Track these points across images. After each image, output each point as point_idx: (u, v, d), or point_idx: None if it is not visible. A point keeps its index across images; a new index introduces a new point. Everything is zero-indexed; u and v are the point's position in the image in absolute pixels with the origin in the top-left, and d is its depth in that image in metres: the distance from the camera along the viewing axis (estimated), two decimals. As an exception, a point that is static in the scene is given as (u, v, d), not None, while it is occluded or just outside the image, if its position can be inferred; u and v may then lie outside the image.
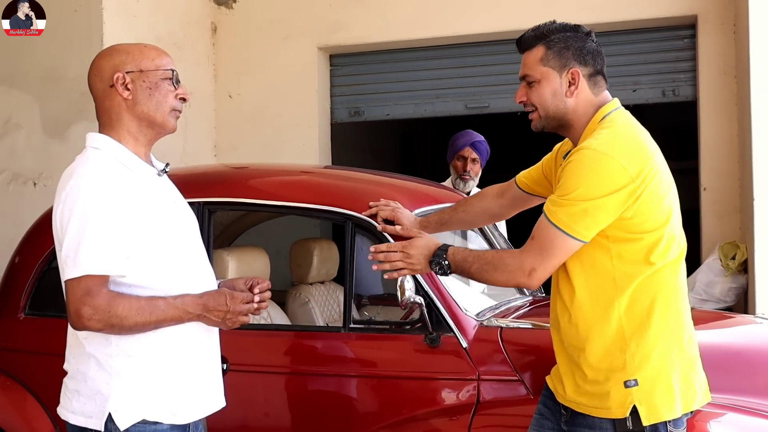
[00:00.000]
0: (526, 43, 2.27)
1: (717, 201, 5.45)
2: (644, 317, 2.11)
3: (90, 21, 5.13)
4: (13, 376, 3.22)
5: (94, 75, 2.20)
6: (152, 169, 2.21)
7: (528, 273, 2.13)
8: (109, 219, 2.00)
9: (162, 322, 2.05)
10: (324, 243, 3.91)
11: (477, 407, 2.67)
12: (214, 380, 2.23)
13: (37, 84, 5.25)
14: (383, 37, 6.10)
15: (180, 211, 2.24)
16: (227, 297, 2.12)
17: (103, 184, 2.03)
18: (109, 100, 2.17)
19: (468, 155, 4.61)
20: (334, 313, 3.78)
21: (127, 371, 2.06)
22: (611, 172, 2.06)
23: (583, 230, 2.08)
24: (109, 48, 2.23)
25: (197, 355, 2.17)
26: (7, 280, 3.43)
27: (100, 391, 2.06)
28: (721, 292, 5.08)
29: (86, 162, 2.10)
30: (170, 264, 2.12)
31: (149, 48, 2.20)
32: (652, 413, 2.08)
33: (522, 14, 5.57)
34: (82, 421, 2.08)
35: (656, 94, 5.75)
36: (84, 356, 2.10)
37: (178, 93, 2.18)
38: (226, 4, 6.36)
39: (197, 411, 2.17)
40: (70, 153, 5.69)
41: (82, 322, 2.00)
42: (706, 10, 5.48)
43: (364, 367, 2.89)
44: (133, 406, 2.05)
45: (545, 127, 2.28)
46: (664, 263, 2.12)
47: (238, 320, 2.14)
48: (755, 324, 3.38)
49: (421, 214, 3.05)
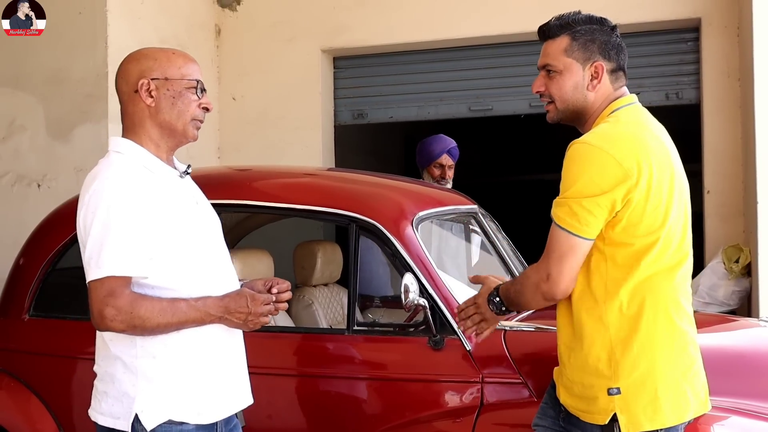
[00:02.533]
0: (551, 32, 2.22)
1: (720, 204, 5.44)
2: (632, 324, 2.07)
3: (94, 23, 5.13)
4: (18, 377, 3.22)
5: (121, 78, 2.22)
6: (174, 171, 2.22)
7: (546, 279, 2.09)
8: (131, 221, 2.02)
9: (184, 323, 2.07)
10: (327, 245, 3.91)
11: (481, 410, 2.67)
12: (239, 378, 2.26)
13: (41, 86, 5.25)
14: (387, 40, 6.10)
15: (203, 212, 2.27)
16: (248, 299, 2.13)
17: (125, 187, 2.05)
18: (132, 105, 2.18)
19: (445, 162, 4.64)
20: (337, 315, 3.78)
21: (153, 372, 2.09)
22: (606, 167, 2.02)
23: (584, 227, 2.04)
24: (138, 52, 2.25)
25: (222, 353, 2.19)
26: (11, 281, 3.43)
27: (126, 392, 2.09)
28: (725, 295, 5.07)
29: (109, 165, 2.13)
30: (193, 265, 2.14)
31: (177, 55, 2.21)
32: (632, 423, 2.05)
33: (526, 17, 5.56)
34: (111, 422, 2.12)
35: (660, 97, 5.74)
36: (111, 358, 2.14)
37: (202, 102, 2.20)
38: (230, 6, 6.37)
39: (223, 410, 2.19)
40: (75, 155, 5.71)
41: (105, 323, 2.03)
42: (710, 13, 5.47)
43: (367, 369, 2.89)
44: (159, 407, 2.08)
45: (561, 120, 2.25)
46: (656, 269, 2.07)
47: (259, 321, 2.16)
48: (759, 327, 3.38)
49: (425, 216, 3.05)
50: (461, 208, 3.50)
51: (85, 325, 3.29)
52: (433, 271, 2.84)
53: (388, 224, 2.89)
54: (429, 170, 4.66)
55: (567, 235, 2.06)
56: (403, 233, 2.88)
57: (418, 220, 2.99)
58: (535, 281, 2.13)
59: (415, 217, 2.98)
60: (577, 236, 2.05)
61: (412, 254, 2.85)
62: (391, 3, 6.05)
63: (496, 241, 3.56)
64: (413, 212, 3.00)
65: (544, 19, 2.29)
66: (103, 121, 5.11)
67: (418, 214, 3.01)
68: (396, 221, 2.91)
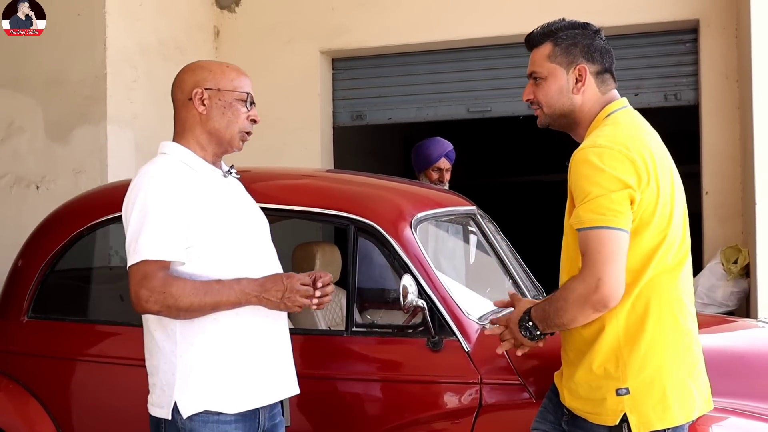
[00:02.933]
0: (534, 40, 2.26)
1: (719, 205, 5.44)
2: (639, 325, 2.08)
3: (93, 24, 5.14)
4: (16, 379, 3.22)
5: (177, 87, 2.37)
6: (217, 171, 2.35)
7: (595, 287, 1.99)
8: (165, 210, 2.14)
9: (219, 304, 2.14)
10: (326, 246, 3.91)
11: (479, 411, 2.67)
12: (282, 366, 2.33)
13: (40, 87, 5.26)
14: (385, 41, 6.10)
15: (246, 210, 2.38)
16: (284, 277, 2.20)
17: (161, 180, 2.19)
18: (185, 112, 2.34)
19: (443, 166, 4.62)
20: (336, 316, 3.78)
21: (192, 360, 2.18)
22: (622, 163, 2.02)
23: (620, 219, 1.99)
24: (195, 63, 2.42)
25: (263, 341, 2.26)
26: (10, 283, 3.43)
27: (168, 381, 2.19)
28: (723, 296, 5.08)
29: (152, 163, 2.28)
30: (232, 258, 2.22)
31: (231, 69, 2.37)
32: (642, 422, 2.06)
33: (524, 18, 5.56)
34: (157, 412, 2.22)
35: (658, 98, 5.75)
36: (155, 350, 2.24)
37: (250, 115, 2.34)
38: (228, 8, 6.37)
39: (263, 397, 2.26)
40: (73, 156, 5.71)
41: (140, 304, 2.13)
42: (708, 14, 5.48)
43: (366, 370, 2.89)
44: (196, 396, 2.17)
45: (551, 125, 2.27)
46: (661, 269, 2.08)
47: (297, 300, 2.19)
48: (757, 328, 3.38)
49: (423, 218, 3.05)
50: (460, 210, 3.50)
51: (83, 326, 3.30)
52: (431, 273, 2.84)
53: (386, 225, 2.89)
54: (427, 174, 4.64)
55: (608, 232, 1.99)
56: (401, 234, 2.88)
57: (417, 221, 2.99)
58: (582, 293, 2.02)
59: (414, 219, 2.98)
60: (618, 229, 2.00)
61: (410, 255, 2.85)
62: (390, 4, 6.05)
63: (495, 242, 3.56)
64: (412, 213, 3.00)
65: (542, 21, 2.31)
66: (101, 122, 5.11)
67: (417, 216, 3.01)
68: (394, 222, 2.91)
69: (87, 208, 3.38)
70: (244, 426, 2.23)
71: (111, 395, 3.08)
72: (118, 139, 5.21)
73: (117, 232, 3.63)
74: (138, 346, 3.06)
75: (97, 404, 3.11)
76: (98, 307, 3.51)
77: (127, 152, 5.30)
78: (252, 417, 2.24)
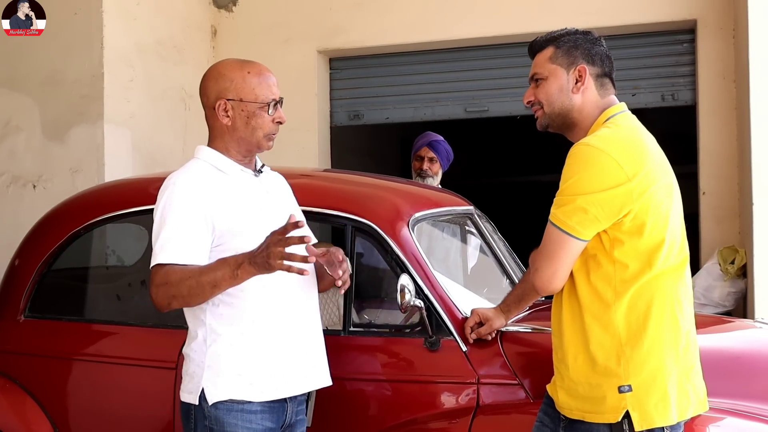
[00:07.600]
0: (537, 46, 2.31)
1: (716, 205, 5.45)
2: (641, 323, 2.10)
3: (90, 24, 5.13)
4: (13, 379, 3.21)
5: (203, 93, 2.40)
6: (248, 171, 2.39)
7: (534, 271, 2.19)
8: (183, 215, 2.18)
9: (216, 280, 2.12)
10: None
11: (477, 411, 2.67)
12: (312, 357, 2.35)
13: (37, 86, 5.25)
14: (383, 41, 6.10)
15: (275, 206, 2.39)
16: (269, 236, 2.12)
17: (182, 186, 2.24)
18: (213, 120, 2.38)
19: (425, 155, 4.68)
20: (333, 316, 3.78)
21: (220, 349, 2.22)
22: (605, 168, 2.06)
23: (577, 226, 2.08)
24: (216, 70, 2.40)
25: (291, 333, 2.29)
26: (6, 282, 3.42)
27: (198, 368, 2.24)
28: (720, 296, 5.08)
29: (182, 168, 2.34)
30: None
31: (252, 75, 2.36)
32: (644, 419, 2.08)
33: (521, 18, 5.57)
34: (187, 398, 2.27)
35: (655, 98, 5.76)
36: (190, 339, 2.31)
37: (275, 117, 2.36)
38: (226, 7, 6.37)
39: (291, 388, 2.29)
40: (70, 155, 5.69)
41: (155, 303, 2.20)
42: (706, 15, 5.49)
43: (363, 370, 2.88)
44: (222, 384, 2.21)
45: (549, 125, 2.29)
46: (662, 270, 2.11)
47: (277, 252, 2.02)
48: (754, 328, 3.38)
49: (421, 217, 3.05)
50: (457, 210, 3.50)
51: (80, 326, 3.30)
52: (429, 272, 2.84)
53: (384, 225, 2.89)
54: (413, 164, 4.72)
55: (560, 233, 2.10)
56: (399, 234, 2.88)
57: (414, 221, 2.99)
58: (530, 272, 2.25)
59: (411, 218, 2.97)
60: (570, 235, 2.09)
61: (408, 255, 2.84)
62: (388, 4, 6.05)
63: (492, 242, 3.56)
64: (409, 213, 3.00)
65: (540, 21, 2.34)
66: (98, 122, 5.11)
67: (414, 215, 3.00)
68: (392, 222, 2.91)
69: (84, 208, 3.37)
70: (271, 417, 2.25)
71: (108, 395, 3.08)
72: (115, 138, 5.20)
73: (114, 231, 3.65)
74: (134, 345, 3.08)
75: (94, 403, 3.11)
76: (95, 306, 3.50)
77: (124, 151, 5.29)
78: (279, 408, 2.27)
